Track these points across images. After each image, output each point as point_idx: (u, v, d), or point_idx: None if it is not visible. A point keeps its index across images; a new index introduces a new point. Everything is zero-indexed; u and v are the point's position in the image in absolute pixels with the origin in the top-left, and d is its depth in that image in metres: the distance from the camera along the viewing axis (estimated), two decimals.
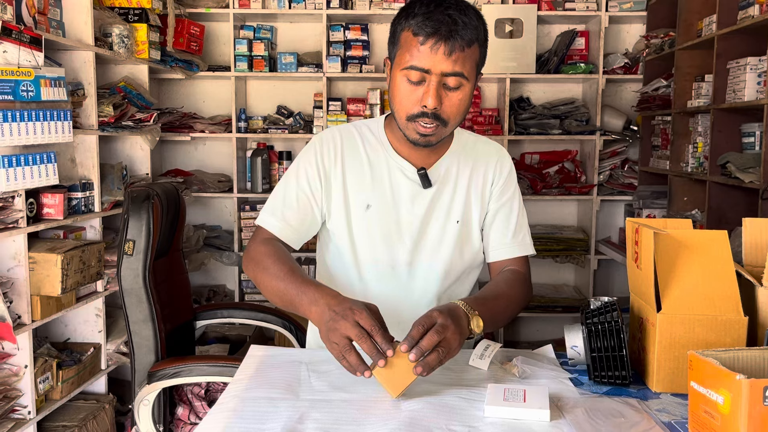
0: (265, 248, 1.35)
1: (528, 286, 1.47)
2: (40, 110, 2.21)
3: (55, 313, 2.38)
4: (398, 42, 1.31)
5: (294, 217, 1.41)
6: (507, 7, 3.52)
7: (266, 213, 1.43)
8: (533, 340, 3.81)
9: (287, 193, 1.43)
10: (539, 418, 1.04)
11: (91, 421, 2.54)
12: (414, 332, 1.10)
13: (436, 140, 1.35)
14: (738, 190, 2.68)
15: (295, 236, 1.42)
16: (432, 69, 1.26)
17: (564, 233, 3.65)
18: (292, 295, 1.25)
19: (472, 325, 1.18)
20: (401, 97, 1.31)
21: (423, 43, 1.25)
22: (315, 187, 1.42)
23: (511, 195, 1.49)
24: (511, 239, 1.48)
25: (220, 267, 3.75)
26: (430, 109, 1.28)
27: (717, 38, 2.72)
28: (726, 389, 0.89)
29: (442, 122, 1.31)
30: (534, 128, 3.59)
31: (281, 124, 3.67)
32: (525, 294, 1.44)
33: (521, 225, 1.50)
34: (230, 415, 1.07)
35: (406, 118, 1.32)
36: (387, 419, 1.05)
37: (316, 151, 1.44)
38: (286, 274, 1.27)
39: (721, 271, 1.17)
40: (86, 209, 2.59)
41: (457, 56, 1.25)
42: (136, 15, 3.01)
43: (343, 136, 1.46)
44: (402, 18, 1.31)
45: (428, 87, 1.27)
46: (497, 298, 1.33)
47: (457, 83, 1.28)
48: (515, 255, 1.48)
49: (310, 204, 1.42)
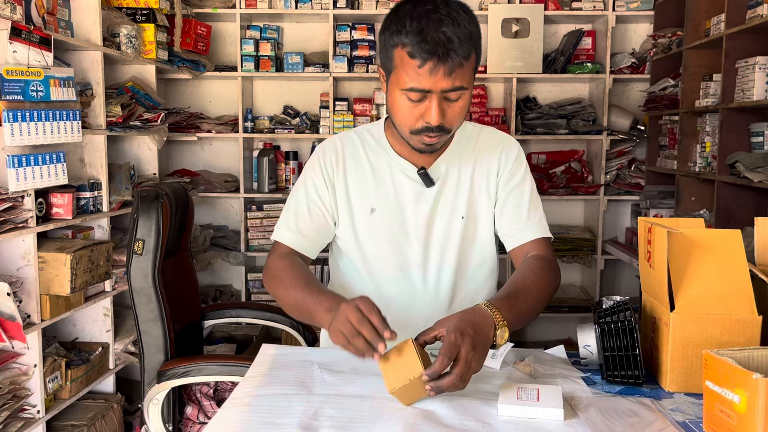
0: (281, 263, 1.39)
1: (555, 271, 1.40)
2: (49, 110, 2.22)
3: (64, 312, 2.39)
4: (392, 59, 1.27)
5: (308, 227, 1.44)
6: (514, 7, 3.51)
7: (281, 228, 1.46)
8: (540, 340, 3.81)
9: (298, 205, 1.45)
10: (553, 417, 1.04)
11: (99, 421, 2.54)
12: (438, 366, 1.04)
13: (440, 146, 1.36)
14: (747, 189, 2.67)
15: (310, 246, 1.45)
16: (433, 89, 1.24)
17: (571, 233, 3.65)
18: (309, 305, 1.27)
19: (497, 336, 1.15)
20: (403, 114, 1.29)
21: (421, 66, 1.22)
22: (324, 195, 1.44)
23: (520, 179, 1.46)
24: (526, 222, 1.43)
25: (227, 267, 3.75)
26: (435, 125, 1.27)
27: (725, 37, 2.71)
28: (742, 388, 0.89)
29: (446, 131, 1.31)
30: (540, 128, 3.58)
31: (288, 124, 3.67)
32: (554, 281, 1.37)
33: (535, 207, 1.45)
34: (245, 408, 1.07)
35: (410, 132, 1.31)
36: (401, 417, 1.05)
37: (320, 161, 1.46)
38: (303, 286, 1.30)
39: (735, 270, 1.17)
40: (94, 209, 2.59)
41: (457, 73, 1.23)
42: (144, 15, 3.02)
43: (344, 143, 1.47)
44: (393, 33, 1.26)
45: (430, 104, 1.25)
46: (526, 294, 1.28)
47: (458, 95, 1.27)
48: (534, 237, 1.43)
49: (322, 213, 1.44)
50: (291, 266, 1.38)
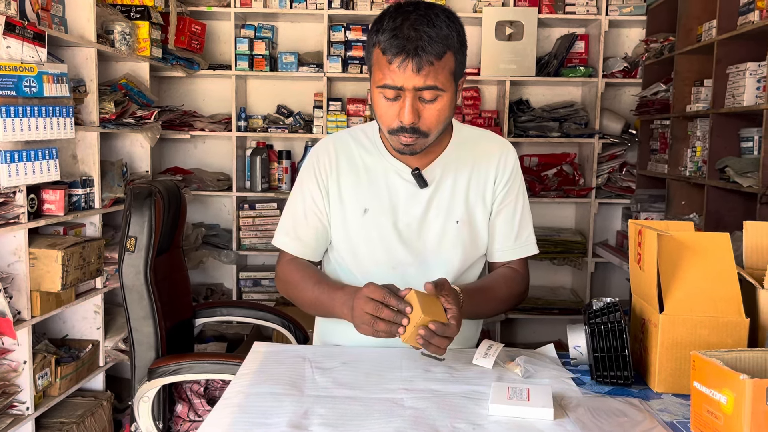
0: (289, 267, 1.46)
1: (524, 284, 1.51)
2: (42, 106, 2.21)
3: (55, 309, 2.38)
4: (371, 58, 1.32)
5: (306, 233, 1.47)
6: (507, 10, 3.53)
7: (281, 234, 1.50)
8: (530, 342, 3.83)
9: (296, 211, 1.49)
10: (543, 416, 1.05)
11: (89, 418, 2.53)
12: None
13: (420, 149, 1.36)
14: (736, 194, 2.69)
15: (311, 251, 1.49)
16: (404, 86, 1.26)
17: (562, 236, 3.67)
18: (325, 302, 1.35)
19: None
20: (381, 113, 1.33)
21: (391, 62, 1.25)
22: (318, 200, 1.46)
23: (516, 193, 1.49)
24: (515, 241, 1.49)
25: (218, 265, 3.75)
26: (408, 125, 1.29)
27: (717, 43, 2.74)
28: (729, 389, 0.90)
29: (423, 134, 1.32)
30: (533, 131, 3.60)
31: (281, 123, 3.67)
32: (519, 292, 1.49)
33: (525, 225, 1.51)
34: (235, 410, 1.07)
35: (388, 132, 1.34)
36: (391, 416, 1.06)
37: (313, 165, 1.48)
38: (315, 285, 1.37)
39: (723, 273, 1.19)
40: (86, 206, 2.59)
41: (428, 70, 1.25)
42: (138, 12, 3.01)
43: (337, 145, 1.48)
44: (373, 32, 1.31)
45: (403, 103, 1.28)
46: (489, 297, 1.42)
47: (433, 96, 1.28)
48: (517, 257, 1.51)
49: (318, 217, 1.47)
50: (298, 269, 1.44)
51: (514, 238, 1.49)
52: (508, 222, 1.48)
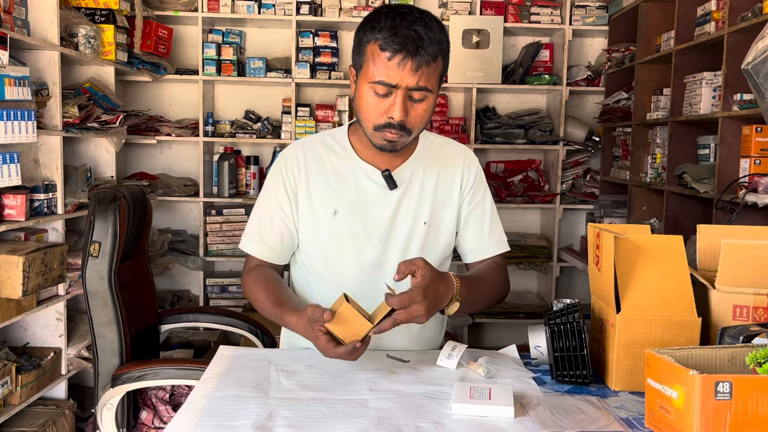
0: (251, 278, 1.47)
1: (507, 276, 1.55)
2: (3, 110, 2.17)
3: (15, 316, 2.33)
4: (364, 54, 1.34)
5: (272, 237, 1.48)
6: (474, 18, 3.59)
7: (246, 238, 1.51)
8: (496, 346, 3.84)
9: (262, 215, 1.49)
10: (504, 414, 1.07)
11: (50, 427, 2.49)
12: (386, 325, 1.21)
13: (401, 146, 1.39)
14: (694, 199, 2.77)
15: (276, 255, 1.50)
16: (399, 84, 1.29)
17: (527, 241, 3.72)
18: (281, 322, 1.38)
19: (449, 307, 1.29)
20: (368, 108, 1.35)
21: (390, 58, 1.28)
22: (285, 204, 1.47)
23: (482, 196, 1.54)
24: (488, 239, 1.54)
25: (185, 272, 3.71)
26: (397, 121, 1.32)
27: (675, 53, 2.82)
28: (680, 384, 0.94)
29: (407, 132, 1.35)
30: (499, 137, 3.66)
31: (249, 128, 3.66)
32: (505, 283, 1.53)
33: (495, 224, 1.55)
34: (200, 413, 1.07)
35: (373, 128, 1.36)
36: (356, 417, 1.07)
37: (281, 170, 1.49)
38: (272, 304, 1.38)
39: (677, 274, 1.23)
40: (49, 211, 2.54)
41: (423, 71, 1.29)
42: (103, 16, 2.98)
43: (305, 150, 1.50)
44: (367, 29, 1.33)
45: (395, 100, 1.31)
46: (484, 285, 1.44)
47: (422, 96, 1.32)
48: (494, 254, 1.55)
49: (284, 221, 1.48)
50: (258, 280, 1.44)
51: (487, 236, 1.53)
52: (479, 222, 1.53)
